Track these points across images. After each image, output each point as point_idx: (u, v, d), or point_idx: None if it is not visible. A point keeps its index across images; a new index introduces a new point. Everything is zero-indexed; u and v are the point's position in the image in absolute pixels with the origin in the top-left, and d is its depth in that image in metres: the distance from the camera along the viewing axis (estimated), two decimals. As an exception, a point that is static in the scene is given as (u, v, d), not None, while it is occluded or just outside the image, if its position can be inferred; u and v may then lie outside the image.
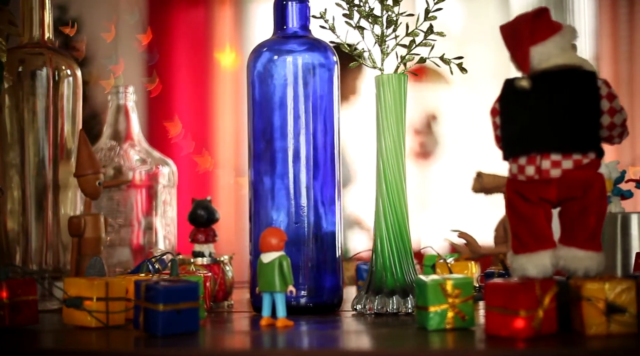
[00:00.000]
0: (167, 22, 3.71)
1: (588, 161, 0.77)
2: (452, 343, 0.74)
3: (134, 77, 3.81)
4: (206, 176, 3.69)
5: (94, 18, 3.79)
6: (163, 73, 3.70)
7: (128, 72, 3.80)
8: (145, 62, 3.73)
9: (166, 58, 3.69)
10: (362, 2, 0.95)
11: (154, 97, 3.67)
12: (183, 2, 3.80)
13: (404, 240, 0.94)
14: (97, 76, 3.58)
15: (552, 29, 0.79)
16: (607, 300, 0.72)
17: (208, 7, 3.98)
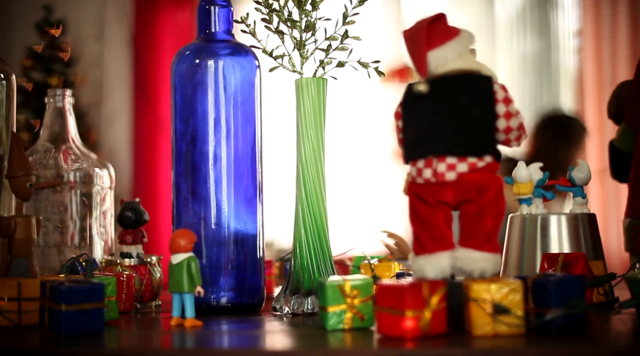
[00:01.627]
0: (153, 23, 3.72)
1: (484, 164, 0.78)
2: (344, 342, 0.75)
3: (120, 78, 3.84)
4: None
5: (80, 19, 3.81)
6: (149, 73, 3.72)
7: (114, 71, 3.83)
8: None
9: (153, 57, 3.71)
10: (281, 6, 0.96)
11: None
12: (169, 2, 3.82)
13: (322, 244, 0.95)
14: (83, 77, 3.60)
15: (449, 34, 0.80)
16: (493, 301, 0.73)
17: (194, 7, 4.00)
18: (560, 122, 2.73)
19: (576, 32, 3.74)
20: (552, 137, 2.62)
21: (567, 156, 2.56)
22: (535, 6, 3.91)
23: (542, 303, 0.75)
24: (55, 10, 3.63)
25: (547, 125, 2.67)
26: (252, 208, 0.98)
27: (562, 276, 0.76)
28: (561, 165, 2.47)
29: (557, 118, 2.76)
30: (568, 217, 1.02)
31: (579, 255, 0.87)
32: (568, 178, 1.04)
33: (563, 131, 2.67)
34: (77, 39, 3.72)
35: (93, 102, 3.59)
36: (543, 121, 2.70)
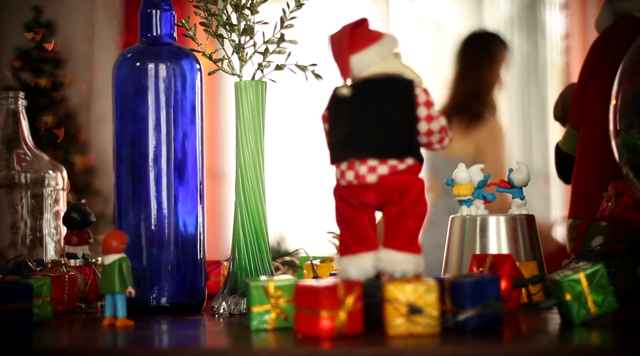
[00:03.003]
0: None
1: (405, 167, 0.79)
2: (263, 342, 0.76)
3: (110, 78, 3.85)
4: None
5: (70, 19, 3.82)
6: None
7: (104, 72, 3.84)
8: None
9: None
10: (220, 10, 0.98)
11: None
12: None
13: (261, 246, 0.97)
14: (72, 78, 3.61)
15: (371, 38, 0.81)
16: (407, 302, 0.74)
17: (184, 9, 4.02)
18: (482, 39, 2.75)
19: (564, 33, 3.75)
20: (476, 55, 2.64)
21: (491, 72, 2.58)
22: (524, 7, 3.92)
23: (458, 303, 0.76)
24: (45, 11, 3.64)
25: (470, 44, 2.68)
26: (193, 210, 0.99)
27: (478, 277, 0.77)
28: (486, 81, 2.48)
29: (478, 36, 2.77)
30: (507, 218, 1.03)
31: (506, 256, 0.88)
32: (507, 179, 1.05)
33: (485, 48, 2.68)
34: (66, 40, 3.73)
35: (82, 102, 3.61)
36: (465, 41, 2.71)
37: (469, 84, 2.61)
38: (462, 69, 2.64)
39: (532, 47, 3.91)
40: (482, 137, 2.57)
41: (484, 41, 2.73)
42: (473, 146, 2.55)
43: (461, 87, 2.62)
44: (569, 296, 0.79)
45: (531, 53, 3.91)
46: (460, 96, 2.62)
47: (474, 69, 2.62)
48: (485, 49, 2.67)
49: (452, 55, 2.77)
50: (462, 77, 2.62)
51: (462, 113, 2.60)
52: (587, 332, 0.77)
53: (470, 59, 2.64)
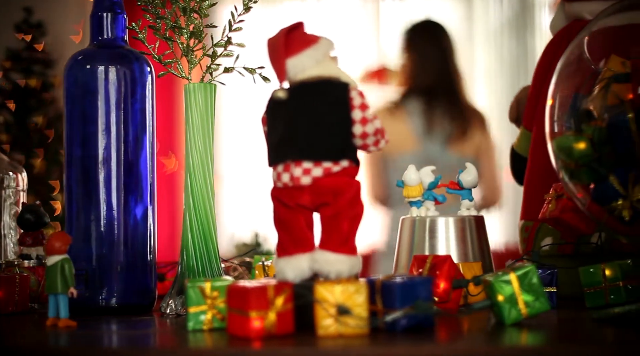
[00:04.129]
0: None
1: (339, 169, 0.80)
2: (198, 342, 0.77)
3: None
4: (173, 177, 3.72)
5: (60, 20, 3.83)
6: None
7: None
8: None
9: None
10: (169, 13, 0.98)
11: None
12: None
13: (209, 247, 0.98)
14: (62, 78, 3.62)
15: (307, 42, 0.82)
16: (336, 302, 0.75)
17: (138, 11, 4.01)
18: (427, 28, 2.75)
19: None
20: (423, 44, 2.64)
21: (441, 61, 2.57)
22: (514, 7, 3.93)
23: (389, 304, 0.77)
24: (35, 12, 3.65)
25: (416, 34, 2.68)
26: (143, 211, 1.00)
27: (409, 278, 0.78)
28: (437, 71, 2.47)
29: (423, 26, 2.77)
30: (455, 219, 1.04)
31: (446, 257, 0.89)
32: (457, 181, 1.06)
33: (432, 37, 2.69)
34: (56, 41, 3.74)
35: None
36: (410, 32, 2.72)
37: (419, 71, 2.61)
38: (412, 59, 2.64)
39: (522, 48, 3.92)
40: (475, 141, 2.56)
41: (429, 30, 2.73)
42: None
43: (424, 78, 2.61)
44: (501, 297, 0.80)
45: (521, 54, 3.92)
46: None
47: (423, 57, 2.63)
48: (433, 37, 2.67)
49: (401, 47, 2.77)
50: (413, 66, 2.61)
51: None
52: (518, 333, 0.78)
53: (419, 49, 2.64)
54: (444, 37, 2.62)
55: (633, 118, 0.76)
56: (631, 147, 0.77)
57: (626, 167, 0.77)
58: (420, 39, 2.61)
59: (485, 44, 3.97)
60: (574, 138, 0.81)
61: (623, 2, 0.86)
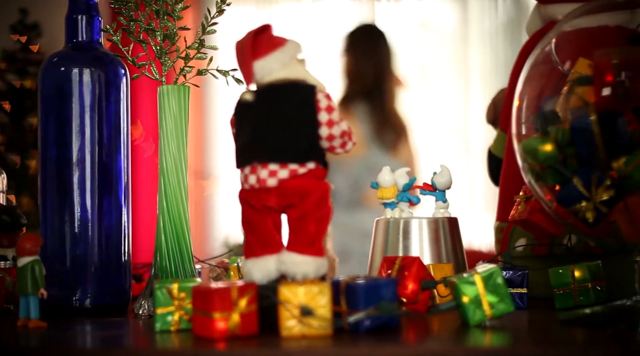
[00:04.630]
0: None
1: (305, 171, 0.81)
2: (163, 343, 0.78)
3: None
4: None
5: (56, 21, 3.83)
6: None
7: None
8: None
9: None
10: (142, 15, 0.99)
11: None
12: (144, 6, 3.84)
13: (182, 250, 0.98)
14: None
15: (274, 45, 0.83)
16: (299, 303, 0.75)
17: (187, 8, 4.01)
18: (364, 32, 2.77)
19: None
20: (363, 48, 2.66)
21: (381, 63, 2.60)
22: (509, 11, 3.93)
23: (353, 305, 0.77)
24: (31, 13, 3.66)
25: (355, 38, 2.70)
26: (118, 212, 1.01)
27: (373, 280, 0.78)
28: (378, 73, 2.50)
29: (360, 30, 2.79)
30: (429, 220, 1.04)
31: (414, 258, 0.89)
32: (431, 183, 1.06)
33: (370, 40, 2.71)
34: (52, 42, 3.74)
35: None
36: (350, 36, 2.74)
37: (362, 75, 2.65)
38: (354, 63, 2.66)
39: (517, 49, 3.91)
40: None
41: (367, 34, 2.76)
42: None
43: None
44: (465, 298, 0.80)
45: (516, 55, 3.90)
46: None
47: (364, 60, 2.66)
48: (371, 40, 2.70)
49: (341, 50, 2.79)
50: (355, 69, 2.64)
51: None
52: (482, 334, 0.78)
53: (359, 52, 2.67)
54: (382, 42, 2.66)
55: (596, 120, 0.76)
56: (594, 149, 0.77)
57: (589, 169, 0.78)
58: (360, 43, 2.65)
59: (481, 45, 3.98)
60: (539, 141, 0.82)
61: (590, 4, 0.86)
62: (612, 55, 0.76)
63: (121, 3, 0.99)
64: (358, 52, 2.66)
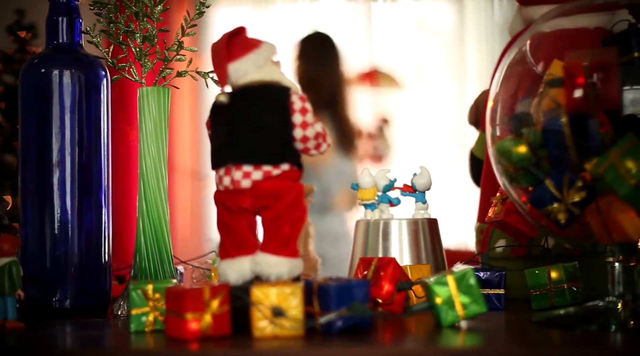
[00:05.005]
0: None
1: (280, 172, 0.81)
2: (138, 344, 0.78)
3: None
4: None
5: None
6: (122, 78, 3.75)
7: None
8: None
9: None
10: (121, 17, 0.99)
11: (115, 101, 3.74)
12: (141, 7, 3.85)
13: (162, 251, 0.99)
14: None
15: (248, 47, 0.83)
16: (271, 304, 0.76)
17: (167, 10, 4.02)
18: (314, 40, 2.81)
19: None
20: (314, 55, 2.69)
21: (332, 69, 2.63)
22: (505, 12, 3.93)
23: (325, 306, 0.78)
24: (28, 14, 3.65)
25: (306, 45, 2.74)
26: (98, 213, 1.01)
27: (345, 281, 0.79)
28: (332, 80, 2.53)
29: (311, 38, 2.82)
30: (409, 221, 1.05)
31: (390, 259, 0.90)
32: (411, 184, 1.07)
33: (320, 47, 2.74)
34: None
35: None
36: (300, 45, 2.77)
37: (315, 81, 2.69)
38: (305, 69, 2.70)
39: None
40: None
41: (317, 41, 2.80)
42: None
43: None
44: (438, 298, 0.80)
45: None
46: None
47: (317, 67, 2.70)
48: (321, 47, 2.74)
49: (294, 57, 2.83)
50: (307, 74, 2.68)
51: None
52: (454, 334, 0.79)
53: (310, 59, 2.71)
54: (332, 49, 2.70)
55: (567, 122, 0.77)
56: (565, 151, 0.77)
57: (561, 170, 0.78)
58: (310, 50, 2.68)
59: (477, 45, 3.98)
60: (513, 142, 0.82)
61: (565, 5, 0.87)
62: (583, 58, 0.76)
63: (100, 5, 0.99)
64: (309, 59, 2.72)
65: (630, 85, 0.78)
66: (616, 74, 0.76)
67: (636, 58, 0.79)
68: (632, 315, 0.81)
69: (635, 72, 0.78)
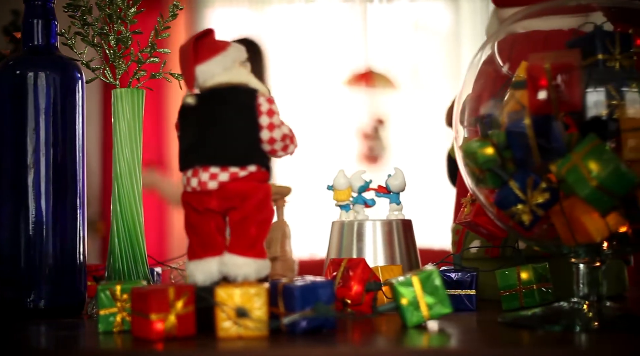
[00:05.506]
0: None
1: (246, 174, 0.82)
2: (106, 344, 0.79)
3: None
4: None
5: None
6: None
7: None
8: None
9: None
10: (95, 19, 1.00)
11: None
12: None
13: (135, 252, 0.99)
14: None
15: (216, 49, 0.84)
16: (235, 305, 0.76)
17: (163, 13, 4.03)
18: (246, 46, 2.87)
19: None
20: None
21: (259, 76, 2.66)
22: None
23: (290, 306, 0.78)
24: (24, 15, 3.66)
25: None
26: (73, 214, 1.02)
27: (310, 282, 0.79)
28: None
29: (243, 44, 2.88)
30: (383, 223, 1.05)
31: (359, 260, 0.90)
32: (385, 185, 1.07)
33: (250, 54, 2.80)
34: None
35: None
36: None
37: None
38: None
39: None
40: None
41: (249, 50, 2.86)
42: None
43: None
44: (403, 299, 0.81)
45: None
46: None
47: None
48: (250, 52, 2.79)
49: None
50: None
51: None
52: (419, 335, 0.79)
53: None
54: (259, 56, 2.73)
55: (530, 124, 0.77)
56: (529, 153, 0.78)
57: (525, 172, 0.79)
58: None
59: (473, 46, 3.98)
60: (479, 144, 0.82)
61: (530, 9, 0.87)
62: (545, 60, 0.76)
63: (74, 8, 0.99)
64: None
65: (594, 87, 0.78)
66: (578, 76, 0.77)
67: (600, 60, 0.79)
68: (597, 315, 0.81)
69: (598, 74, 0.79)
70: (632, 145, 0.76)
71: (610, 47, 0.79)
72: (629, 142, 0.76)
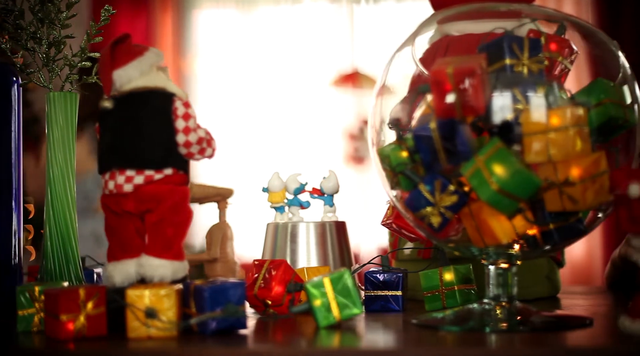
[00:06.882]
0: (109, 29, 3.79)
1: (162, 177, 0.83)
2: (23, 344, 0.80)
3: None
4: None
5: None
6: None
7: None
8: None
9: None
10: (27, 23, 1.01)
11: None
12: (126, 9, 3.88)
13: (69, 256, 1.00)
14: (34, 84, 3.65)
15: (133, 54, 0.85)
16: (145, 306, 0.78)
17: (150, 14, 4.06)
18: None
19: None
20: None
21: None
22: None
23: (200, 307, 0.79)
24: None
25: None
26: (8, 215, 1.03)
27: (220, 283, 0.80)
28: None
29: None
30: (316, 224, 1.06)
31: (281, 261, 0.91)
32: (319, 187, 1.08)
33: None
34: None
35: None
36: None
37: None
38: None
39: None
40: None
41: None
42: None
43: None
44: (315, 300, 0.82)
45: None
46: None
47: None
48: None
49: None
50: None
51: None
52: (330, 336, 0.80)
53: None
54: None
55: (435, 128, 0.78)
56: (435, 156, 0.79)
57: (434, 175, 0.80)
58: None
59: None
60: (392, 147, 0.84)
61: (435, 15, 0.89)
62: (448, 65, 0.78)
63: (7, 12, 1.01)
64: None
65: (500, 91, 0.79)
66: (482, 81, 0.78)
67: (507, 65, 0.80)
68: (507, 316, 0.82)
69: (505, 78, 0.80)
70: (536, 148, 0.77)
71: (517, 52, 0.80)
72: (533, 146, 0.77)
